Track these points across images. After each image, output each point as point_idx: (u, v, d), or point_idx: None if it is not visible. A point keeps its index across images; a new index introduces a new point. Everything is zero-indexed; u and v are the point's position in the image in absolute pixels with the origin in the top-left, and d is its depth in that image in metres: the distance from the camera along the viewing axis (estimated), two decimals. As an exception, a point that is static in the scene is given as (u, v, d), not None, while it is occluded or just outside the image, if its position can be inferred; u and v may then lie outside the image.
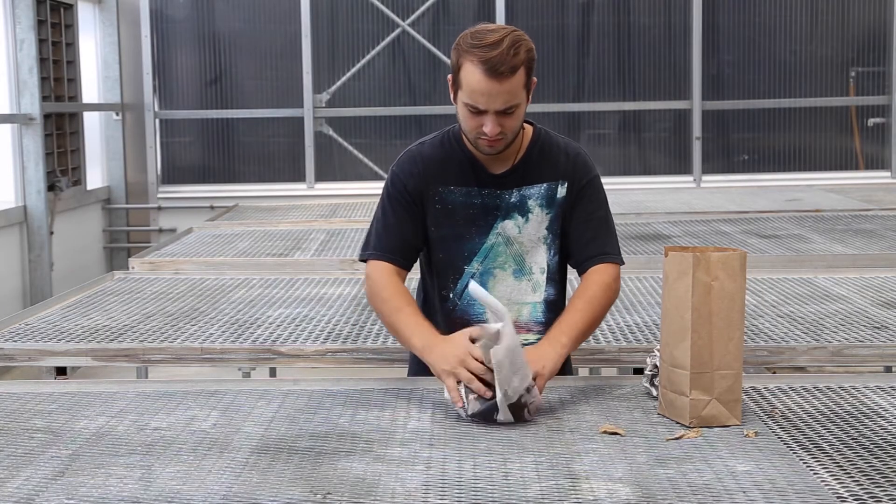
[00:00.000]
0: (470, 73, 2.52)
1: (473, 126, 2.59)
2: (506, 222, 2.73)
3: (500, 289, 2.74)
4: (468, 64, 2.53)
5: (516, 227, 2.73)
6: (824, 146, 9.78)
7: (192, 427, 2.35)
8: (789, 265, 4.82)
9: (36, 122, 7.90)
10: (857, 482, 1.97)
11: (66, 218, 8.63)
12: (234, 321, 3.77)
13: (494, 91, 2.51)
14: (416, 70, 9.75)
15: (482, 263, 2.75)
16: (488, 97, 2.52)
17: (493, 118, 2.55)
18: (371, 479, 2.00)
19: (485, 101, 2.53)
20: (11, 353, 3.43)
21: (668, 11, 9.55)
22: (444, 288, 2.79)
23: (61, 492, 1.97)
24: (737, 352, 2.32)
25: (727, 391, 2.31)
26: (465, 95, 2.56)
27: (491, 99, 2.52)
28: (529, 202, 2.73)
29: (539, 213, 2.73)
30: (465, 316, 2.78)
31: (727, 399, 2.31)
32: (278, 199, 8.84)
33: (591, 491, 1.93)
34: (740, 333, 2.34)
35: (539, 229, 2.74)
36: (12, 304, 7.59)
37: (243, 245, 5.74)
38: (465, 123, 2.62)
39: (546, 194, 2.73)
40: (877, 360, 3.35)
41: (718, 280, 2.33)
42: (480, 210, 2.73)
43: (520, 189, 2.73)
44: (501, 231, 2.73)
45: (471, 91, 2.53)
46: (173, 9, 9.69)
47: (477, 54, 2.50)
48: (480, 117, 2.56)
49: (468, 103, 2.56)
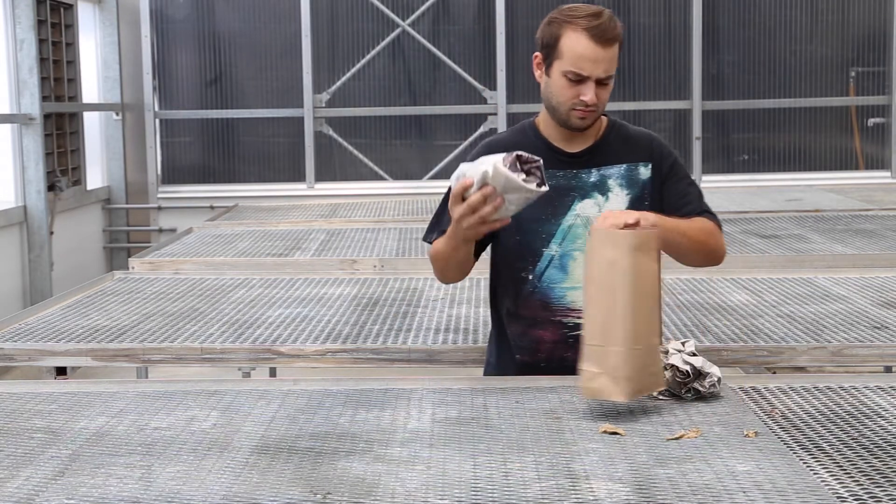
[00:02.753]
0: (574, 40, 2.60)
1: (571, 96, 2.64)
2: (585, 202, 2.74)
3: (580, 271, 2.70)
4: (571, 32, 2.61)
5: (596, 206, 2.74)
6: (824, 146, 9.78)
7: (192, 427, 2.35)
8: (789, 265, 4.82)
9: (36, 122, 7.90)
10: (857, 482, 1.97)
11: (66, 218, 8.63)
12: (234, 321, 3.77)
13: (600, 57, 2.60)
14: (416, 70, 9.75)
15: (561, 245, 2.75)
16: (593, 63, 2.60)
17: (593, 87, 2.62)
18: (371, 479, 2.00)
19: (590, 66, 2.60)
20: (11, 353, 3.43)
21: (668, 11, 9.55)
22: (524, 271, 2.79)
23: (61, 492, 1.97)
24: (636, 329, 2.32)
25: (615, 367, 2.32)
26: (566, 64, 2.62)
27: (595, 65, 2.61)
28: (609, 181, 2.75)
29: (619, 192, 2.76)
30: (544, 299, 2.78)
31: (617, 375, 2.32)
32: (278, 199, 8.84)
33: (591, 491, 1.93)
34: (647, 312, 2.34)
35: (620, 209, 2.73)
36: (12, 304, 7.59)
37: (243, 245, 5.74)
38: (562, 94, 2.66)
39: (626, 174, 2.76)
40: (877, 360, 3.35)
41: (626, 257, 2.33)
42: (557, 191, 2.72)
43: (599, 168, 2.76)
44: (580, 211, 2.74)
45: (576, 58, 2.61)
46: (173, 9, 9.69)
47: (581, 23, 2.60)
48: (579, 86, 2.63)
49: (570, 70, 2.62)
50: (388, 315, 3.88)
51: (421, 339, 3.53)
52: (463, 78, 9.59)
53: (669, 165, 2.80)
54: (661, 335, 2.42)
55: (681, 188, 2.79)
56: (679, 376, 2.47)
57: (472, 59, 9.65)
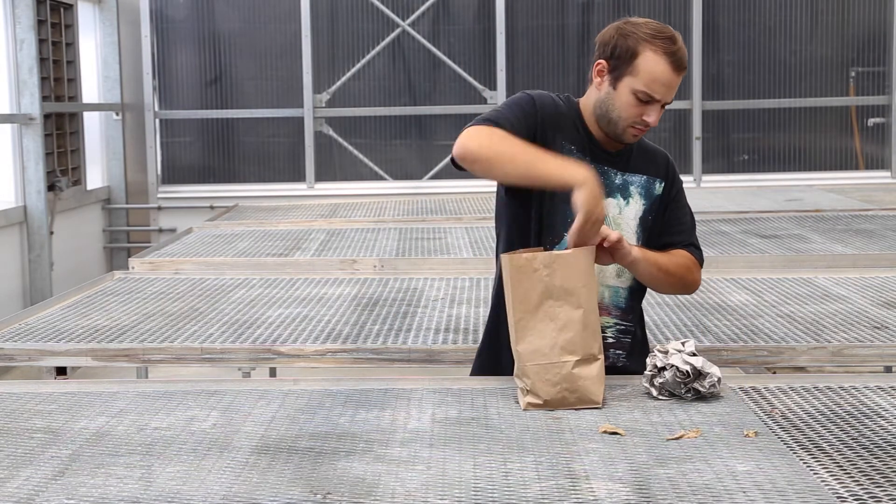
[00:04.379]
0: (653, 62, 2.59)
1: (635, 114, 2.64)
2: (609, 200, 2.74)
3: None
4: (651, 53, 2.60)
5: (617, 208, 2.75)
6: (824, 146, 9.78)
7: (192, 427, 2.35)
8: (789, 265, 4.83)
9: (36, 122, 7.90)
10: (857, 482, 1.97)
11: (66, 218, 8.63)
12: (234, 321, 3.77)
13: (674, 83, 2.62)
14: (416, 70, 9.75)
15: None
16: (667, 88, 2.61)
17: (658, 110, 2.63)
18: (371, 479, 2.00)
19: (663, 91, 2.61)
20: (11, 353, 3.43)
21: (668, 11, 9.55)
22: (543, 247, 2.76)
23: (61, 492, 1.96)
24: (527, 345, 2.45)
25: (516, 376, 2.48)
26: (640, 83, 2.61)
27: (668, 91, 2.62)
28: (631, 188, 2.77)
29: (638, 200, 2.78)
30: None
31: (519, 385, 2.47)
32: (278, 199, 8.84)
33: (591, 491, 1.93)
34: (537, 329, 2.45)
35: (635, 216, 2.77)
36: (12, 304, 7.59)
37: (243, 245, 5.74)
38: (626, 110, 2.64)
39: (646, 185, 2.78)
40: (877, 360, 3.35)
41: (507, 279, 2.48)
42: None
43: (624, 174, 2.77)
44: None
45: (652, 80, 2.60)
46: (173, 9, 9.69)
47: (662, 46, 2.60)
48: (645, 107, 2.63)
49: (643, 91, 2.61)
50: (388, 315, 3.88)
51: (421, 339, 3.53)
52: (463, 78, 9.59)
53: (677, 190, 2.84)
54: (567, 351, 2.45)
55: (680, 216, 2.83)
56: (679, 376, 2.47)
57: (472, 59, 9.65)
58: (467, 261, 5.10)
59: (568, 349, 2.44)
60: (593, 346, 2.46)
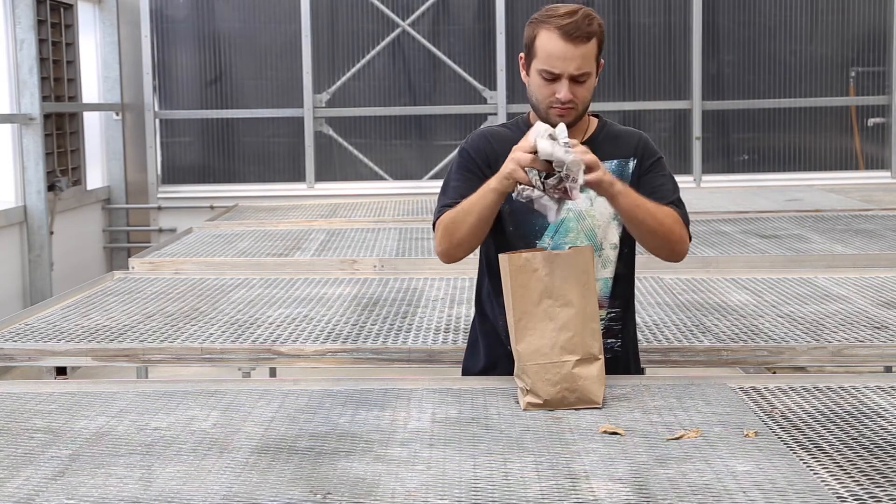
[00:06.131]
0: (546, 39, 2.65)
1: (546, 94, 2.68)
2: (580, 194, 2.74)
3: None
4: (544, 32, 2.66)
5: (588, 201, 2.74)
6: (824, 146, 9.78)
7: (192, 427, 2.35)
8: (789, 265, 4.82)
9: (36, 122, 7.90)
10: (857, 482, 1.97)
11: (66, 218, 8.63)
12: (234, 321, 3.77)
13: (569, 55, 2.63)
14: (416, 70, 9.75)
15: (553, 238, 2.76)
16: (563, 60, 2.64)
17: (567, 84, 2.65)
18: (371, 479, 2.00)
19: (560, 64, 2.64)
20: (11, 353, 3.43)
21: (668, 11, 9.55)
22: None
23: (61, 492, 1.97)
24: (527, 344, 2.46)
25: (516, 377, 2.49)
26: (540, 62, 2.67)
27: (566, 62, 2.64)
28: None
29: None
30: None
31: (520, 385, 2.48)
32: (278, 199, 8.83)
33: (591, 491, 1.93)
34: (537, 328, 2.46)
35: (608, 205, 2.72)
36: (12, 304, 7.59)
37: (243, 245, 5.74)
38: (539, 93, 2.69)
39: (617, 170, 2.76)
40: (877, 360, 3.35)
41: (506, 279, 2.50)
42: None
43: None
44: (572, 206, 2.73)
45: (546, 56, 2.65)
46: (173, 9, 9.69)
47: (553, 22, 2.65)
48: (554, 84, 2.66)
49: (543, 69, 2.66)
50: (388, 315, 3.88)
51: (421, 339, 3.53)
52: (463, 78, 9.59)
53: (652, 162, 2.81)
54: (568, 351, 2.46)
55: (656, 181, 2.79)
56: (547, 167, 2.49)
57: (472, 59, 9.65)
58: (467, 261, 5.07)
59: (568, 349, 2.45)
60: (593, 346, 2.47)
